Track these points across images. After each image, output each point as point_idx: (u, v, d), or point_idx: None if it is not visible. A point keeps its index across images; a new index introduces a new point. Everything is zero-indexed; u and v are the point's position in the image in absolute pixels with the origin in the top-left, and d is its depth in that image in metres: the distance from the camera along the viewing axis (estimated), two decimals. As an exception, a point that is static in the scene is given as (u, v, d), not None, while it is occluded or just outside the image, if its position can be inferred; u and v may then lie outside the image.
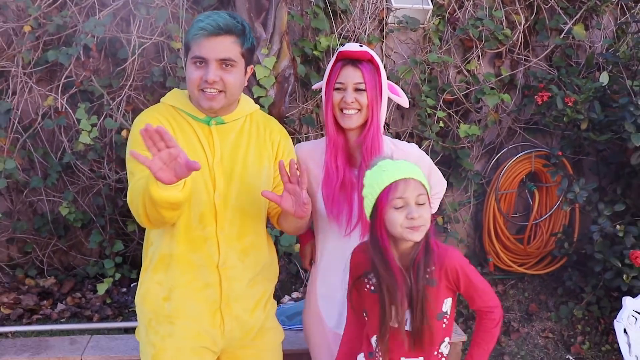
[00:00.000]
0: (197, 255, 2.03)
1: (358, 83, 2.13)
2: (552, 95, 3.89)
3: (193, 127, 2.00)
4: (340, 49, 2.15)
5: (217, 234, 2.02)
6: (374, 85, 2.13)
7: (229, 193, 2.01)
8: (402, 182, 1.76)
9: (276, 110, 3.61)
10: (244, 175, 2.03)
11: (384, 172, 1.78)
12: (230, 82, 1.94)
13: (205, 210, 2.00)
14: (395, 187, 1.75)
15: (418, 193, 1.77)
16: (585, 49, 4.34)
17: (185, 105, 2.03)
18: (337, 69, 2.16)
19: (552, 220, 4.39)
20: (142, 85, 3.83)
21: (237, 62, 1.94)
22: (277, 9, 3.58)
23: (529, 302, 4.23)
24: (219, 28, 1.89)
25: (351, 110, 2.12)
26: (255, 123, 2.12)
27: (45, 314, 3.58)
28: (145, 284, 2.12)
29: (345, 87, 2.14)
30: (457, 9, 4.17)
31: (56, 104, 3.73)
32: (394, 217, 1.76)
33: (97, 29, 3.58)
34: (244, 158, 2.03)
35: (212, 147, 2.01)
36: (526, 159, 4.28)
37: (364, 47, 2.14)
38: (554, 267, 4.35)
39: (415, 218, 1.74)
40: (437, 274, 1.84)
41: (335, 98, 2.14)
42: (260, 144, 2.09)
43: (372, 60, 2.14)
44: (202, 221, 2.00)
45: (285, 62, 3.62)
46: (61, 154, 3.82)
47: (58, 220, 3.91)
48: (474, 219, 4.44)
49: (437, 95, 4.09)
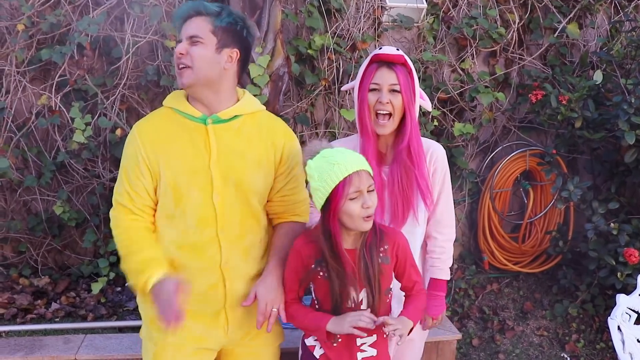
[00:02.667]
0: (198, 260, 2.03)
1: (393, 84, 2.15)
2: (547, 93, 3.89)
3: (190, 128, 2.00)
4: (377, 51, 2.17)
5: (218, 235, 2.01)
6: (408, 87, 2.16)
7: (227, 193, 2.00)
8: (356, 175, 1.81)
9: (270, 109, 3.37)
10: (242, 176, 2.02)
11: (335, 165, 1.80)
12: (196, 56, 1.93)
13: (204, 213, 1.99)
14: (350, 181, 1.80)
15: (369, 183, 1.84)
16: (579, 47, 4.35)
17: (181, 105, 2.02)
18: (371, 71, 2.17)
19: (546, 218, 4.39)
20: (136, 84, 3.82)
21: (204, 39, 1.95)
22: (271, 8, 3.56)
23: (524, 300, 4.23)
24: (188, 10, 1.96)
25: (384, 111, 2.14)
26: (257, 124, 2.08)
27: (39, 314, 3.56)
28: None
29: (381, 87, 2.15)
30: (452, 7, 4.17)
31: (50, 103, 3.71)
32: (351, 208, 1.82)
33: (91, 27, 3.57)
34: (241, 159, 2.01)
35: (208, 147, 1.99)
36: (521, 157, 4.28)
37: (400, 51, 2.16)
38: (548, 265, 4.35)
39: (370, 206, 1.82)
40: (390, 252, 1.94)
41: (371, 99, 2.15)
42: (259, 147, 2.06)
43: (405, 64, 2.16)
44: (199, 225, 1.99)
45: (279, 61, 3.60)
46: (55, 153, 3.81)
47: (52, 219, 3.89)
48: (468, 218, 4.45)
49: (432, 93, 4.08)
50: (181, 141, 1.99)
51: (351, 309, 1.91)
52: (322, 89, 3.93)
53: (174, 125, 2.00)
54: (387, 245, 1.94)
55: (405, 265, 2.00)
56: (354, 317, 1.86)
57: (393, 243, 1.95)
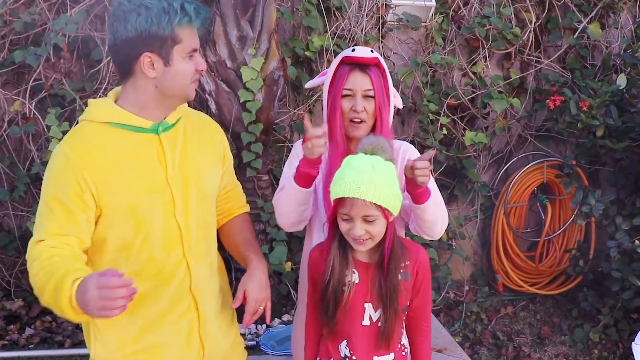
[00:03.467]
0: (165, 288, 1.91)
1: (367, 90, 2.11)
2: (566, 99, 3.86)
3: (135, 144, 1.84)
4: (349, 53, 2.12)
5: (185, 256, 1.91)
6: (381, 90, 2.13)
7: (188, 207, 1.91)
8: (349, 201, 1.81)
9: (264, 116, 3.54)
10: (199, 183, 1.94)
11: (340, 181, 1.83)
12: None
13: (168, 235, 1.88)
14: (343, 203, 1.83)
15: (365, 214, 1.82)
16: (601, 49, 4.32)
17: (122, 117, 1.82)
18: (344, 74, 2.13)
19: (565, 235, 4.38)
20: None
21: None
22: (265, 5, 3.51)
23: (541, 324, 4.20)
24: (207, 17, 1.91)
25: (358, 119, 2.13)
26: (190, 122, 1.98)
27: (12, 340, 3.53)
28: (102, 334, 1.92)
29: (354, 93, 2.12)
30: (462, 5, 4.15)
31: (24, 110, 3.67)
32: (342, 226, 1.87)
33: (68, 27, 3.52)
34: (195, 164, 1.94)
35: (162, 160, 1.86)
36: (537, 169, 4.25)
37: (375, 52, 2.14)
38: (568, 286, 4.33)
39: (356, 236, 1.83)
40: (411, 268, 1.94)
41: (344, 106, 2.13)
42: (205, 146, 2.00)
43: (378, 65, 2.14)
44: (165, 249, 1.88)
45: (274, 63, 3.55)
46: (29, 164, 3.75)
47: (26, 237, 3.58)
48: (481, 235, 4.44)
49: (441, 99, 4.06)
50: (130, 160, 1.83)
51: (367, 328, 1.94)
52: (320, 94, 3.65)
53: (115, 144, 1.82)
54: (409, 261, 1.95)
55: (422, 285, 1.99)
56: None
57: (415, 259, 1.95)
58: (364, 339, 1.94)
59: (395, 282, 1.89)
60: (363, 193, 1.80)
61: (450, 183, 4.20)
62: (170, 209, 1.86)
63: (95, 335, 1.92)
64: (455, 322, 4.07)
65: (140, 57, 1.75)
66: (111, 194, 1.79)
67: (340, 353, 1.97)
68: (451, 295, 4.21)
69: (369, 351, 1.95)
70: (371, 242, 1.86)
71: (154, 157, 1.85)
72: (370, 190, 1.81)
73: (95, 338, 1.92)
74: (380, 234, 1.86)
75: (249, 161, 3.51)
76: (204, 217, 1.96)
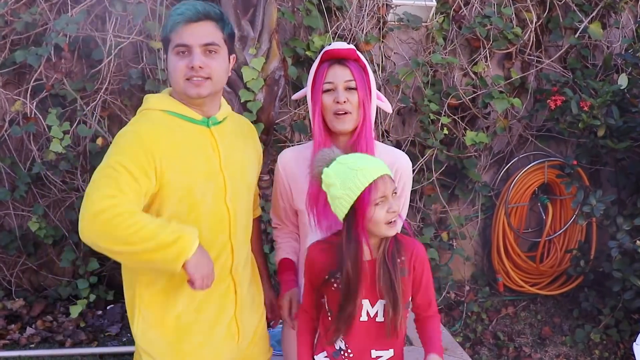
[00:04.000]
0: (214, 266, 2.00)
1: (348, 81, 2.10)
2: (567, 99, 3.86)
3: (192, 132, 1.99)
4: (326, 48, 2.13)
5: (230, 240, 2.02)
6: (363, 84, 2.12)
7: (236, 195, 2.04)
8: (381, 181, 1.84)
9: (265, 116, 3.52)
10: (244, 175, 2.08)
11: (358, 171, 1.84)
12: (216, 68, 1.95)
13: (217, 218, 2.00)
14: (376, 187, 1.83)
15: (393, 187, 1.87)
16: (602, 49, 4.32)
17: (179, 108, 2.00)
18: (323, 70, 2.13)
19: (566, 236, 4.37)
20: (119, 88, 3.76)
21: (220, 47, 1.96)
22: (266, 5, 3.48)
23: (542, 325, 4.19)
24: (198, 12, 1.93)
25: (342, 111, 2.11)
26: (237, 123, 2.17)
27: (13, 339, 3.53)
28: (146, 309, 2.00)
29: (335, 86, 2.10)
30: (463, 5, 4.13)
31: (25, 109, 3.66)
32: (377, 214, 1.85)
33: (69, 27, 3.51)
34: (242, 159, 2.09)
35: (216, 150, 2.01)
36: (538, 169, 4.25)
37: (351, 45, 2.15)
38: (569, 287, 4.32)
39: (395, 210, 1.86)
40: (408, 263, 1.96)
41: (326, 100, 2.10)
42: (248, 144, 2.16)
43: (358, 60, 2.13)
44: (213, 231, 1.99)
45: (275, 63, 3.52)
46: (30, 164, 3.75)
47: (27, 236, 3.84)
48: (481, 235, 4.42)
49: (441, 99, 4.04)
50: (190, 145, 1.97)
51: (365, 323, 1.95)
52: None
53: (177, 129, 1.97)
54: (404, 256, 1.96)
55: (422, 279, 2.00)
56: None
57: (411, 254, 1.97)
58: (360, 333, 1.95)
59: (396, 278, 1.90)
60: (385, 169, 1.86)
61: (451, 183, 4.18)
62: (222, 195, 1.98)
63: (139, 309, 1.99)
64: (456, 322, 4.06)
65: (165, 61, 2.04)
66: (174, 173, 1.89)
67: (335, 346, 1.99)
68: (452, 296, 4.20)
69: (367, 345, 1.97)
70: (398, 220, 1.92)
71: (208, 146, 1.98)
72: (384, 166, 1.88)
73: (140, 312, 2.00)
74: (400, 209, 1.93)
75: (249, 161, 3.50)
76: (248, 206, 2.10)
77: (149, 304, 1.97)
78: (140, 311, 1.98)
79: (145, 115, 1.98)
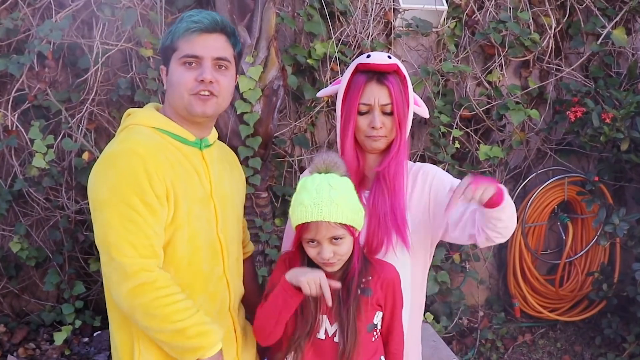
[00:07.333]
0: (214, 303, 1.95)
1: (385, 105, 2.04)
2: (588, 110, 3.83)
3: (186, 152, 1.92)
4: (364, 60, 2.04)
5: (225, 274, 1.97)
6: (401, 102, 2.05)
7: (227, 225, 1.99)
8: (313, 225, 1.83)
9: (263, 129, 3.43)
10: (233, 205, 2.04)
11: (300, 206, 1.84)
12: (225, 86, 1.89)
13: (211, 250, 1.93)
14: (307, 228, 1.84)
15: (331, 235, 1.84)
16: (627, 56, 4.28)
17: (170, 126, 1.91)
18: (359, 85, 2.04)
19: (588, 257, 4.36)
20: (107, 99, 3.71)
21: (230, 64, 1.92)
22: (264, 10, 3.42)
23: (562, 353, 4.18)
24: (216, 23, 1.87)
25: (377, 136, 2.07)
26: (222, 150, 2.12)
27: None
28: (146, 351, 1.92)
29: (372, 108, 2.05)
30: (477, 10, 4.10)
31: (6, 122, 3.58)
32: (309, 251, 1.88)
33: (53, 33, 3.45)
34: (230, 187, 2.04)
35: (207, 174, 1.95)
36: (558, 185, 4.23)
37: (393, 58, 2.04)
38: (590, 312, 4.31)
39: (327, 258, 1.85)
40: (374, 284, 1.95)
41: (361, 123, 2.06)
42: (234, 175, 2.12)
43: (398, 72, 2.06)
44: (209, 263, 1.93)
45: (273, 72, 3.45)
46: (12, 180, 3.66)
47: (8, 258, 3.73)
48: (496, 257, 4.41)
49: (453, 111, 4.02)
50: (183, 165, 1.89)
51: (322, 341, 1.95)
52: (324, 105, 3.86)
53: (169, 145, 1.89)
54: (371, 277, 1.96)
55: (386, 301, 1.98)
56: (314, 275, 1.86)
57: (379, 276, 1.97)
58: (316, 352, 1.94)
59: (352, 297, 1.91)
60: (326, 215, 1.81)
61: (464, 200, 4.15)
62: (214, 224, 1.92)
63: (139, 351, 1.91)
64: (469, 350, 3.99)
65: (162, 71, 1.93)
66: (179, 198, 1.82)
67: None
68: (464, 322, 4.13)
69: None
70: (340, 262, 1.89)
71: (200, 170, 1.92)
72: (332, 211, 1.82)
73: (140, 354, 1.91)
74: (348, 252, 1.89)
75: (247, 177, 3.38)
76: (238, 238, 2.07)
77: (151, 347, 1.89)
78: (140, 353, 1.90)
79: (135, 130, 1.87)
